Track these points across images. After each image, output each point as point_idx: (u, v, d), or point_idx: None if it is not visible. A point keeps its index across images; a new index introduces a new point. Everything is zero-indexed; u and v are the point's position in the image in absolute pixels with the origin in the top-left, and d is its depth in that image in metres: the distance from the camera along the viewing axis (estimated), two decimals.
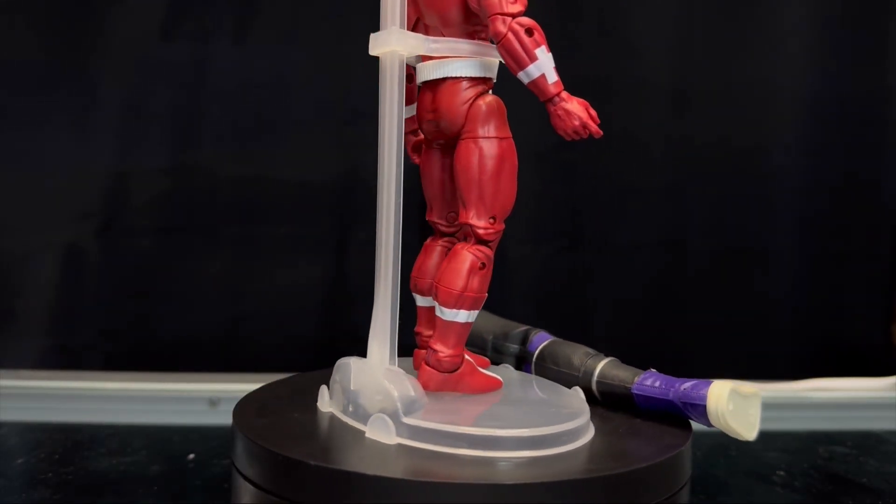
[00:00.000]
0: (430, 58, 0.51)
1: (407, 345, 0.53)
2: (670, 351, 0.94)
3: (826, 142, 0.94)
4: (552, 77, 0.47)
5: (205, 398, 0.79)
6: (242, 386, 0.58)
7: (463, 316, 0.50)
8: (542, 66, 0.47)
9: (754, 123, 0.94)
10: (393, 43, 0.49)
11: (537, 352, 0.60)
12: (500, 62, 0.50)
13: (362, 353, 0.52)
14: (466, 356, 0.52)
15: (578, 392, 0.54)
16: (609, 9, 0.93)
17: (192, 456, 0.66)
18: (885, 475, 0.66)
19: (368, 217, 0.51)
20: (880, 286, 0.96)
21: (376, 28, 0.50)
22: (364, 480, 0.42)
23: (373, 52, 0.50)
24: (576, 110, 0.47)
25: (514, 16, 0.47)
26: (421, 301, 0.56)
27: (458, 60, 0.50)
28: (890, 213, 0.95)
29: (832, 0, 0.93)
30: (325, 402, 0.53)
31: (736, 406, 0.49)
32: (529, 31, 0.47)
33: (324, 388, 0.54)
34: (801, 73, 0.93)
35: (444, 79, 0.50)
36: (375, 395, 0.48)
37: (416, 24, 0.53)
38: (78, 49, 0.89)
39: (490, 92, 0.51)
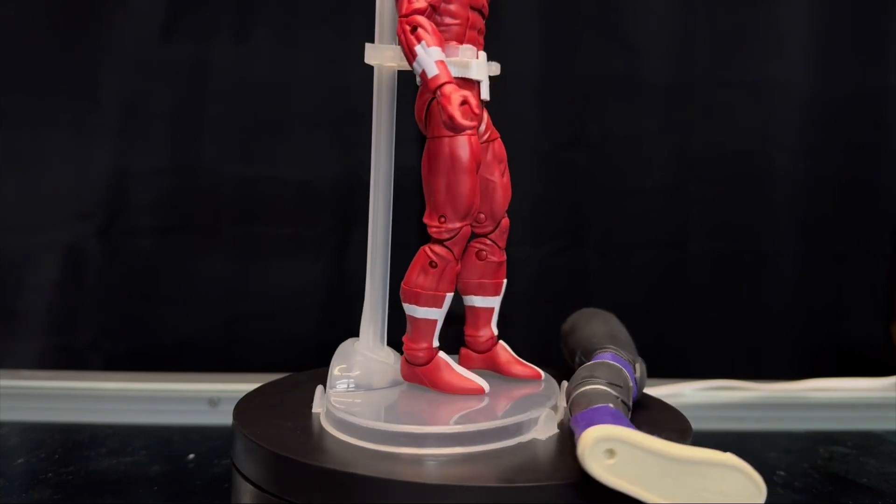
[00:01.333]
0: None
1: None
2: (670, 350, 0.94)
3: (826, 142, 0.94)
4: (431, 72, 0.46)
5: (205, 398, 0.79)
6: (242, 386, 0.58)
7: (421, 312, 0.50)
8: (422, 62, 0.46)
9: (754, 124, 0.94)
10: (370, 56, 0.51)
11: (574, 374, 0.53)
12: (473, 62, 0.49)
13: None
14: (441, 354, 0.52)
15: (549, 415, 0.49)
16: (609, 9, 0.93)
17: (192, 456, 0.66)
18: (885, 475, 0.65)
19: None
20: (880, 286, 0.96)
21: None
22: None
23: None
24: (445, 104, 0.46)
25: (407, 15, 0.47)
26: (465, 300, 0.56)
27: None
28: (890, 214, 0.95)
29: (832, 0, 0.93)
30: None
31: (626, 461, 0.38)
32: (414, 28, 0.47)
33: None
34: (801, 74, 0.93)
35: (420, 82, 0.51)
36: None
37: None
38: (78, 49, 0.89)
39: (477, 88, 0.51)
